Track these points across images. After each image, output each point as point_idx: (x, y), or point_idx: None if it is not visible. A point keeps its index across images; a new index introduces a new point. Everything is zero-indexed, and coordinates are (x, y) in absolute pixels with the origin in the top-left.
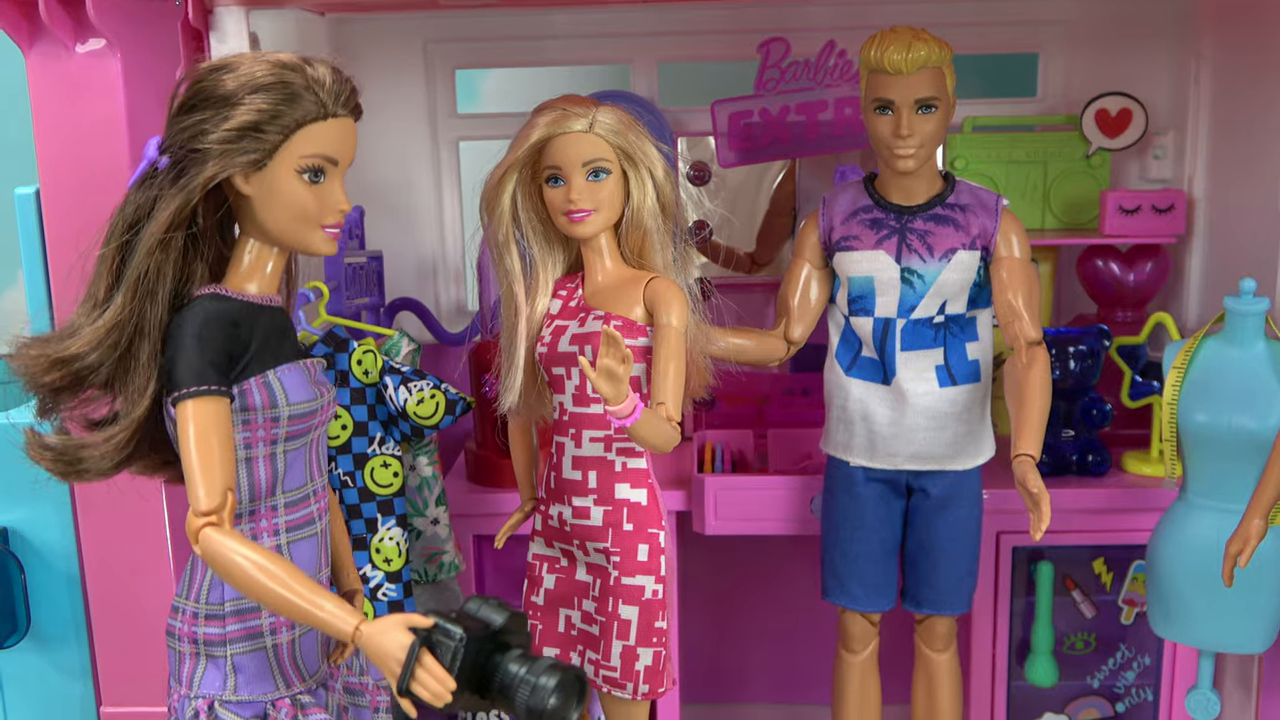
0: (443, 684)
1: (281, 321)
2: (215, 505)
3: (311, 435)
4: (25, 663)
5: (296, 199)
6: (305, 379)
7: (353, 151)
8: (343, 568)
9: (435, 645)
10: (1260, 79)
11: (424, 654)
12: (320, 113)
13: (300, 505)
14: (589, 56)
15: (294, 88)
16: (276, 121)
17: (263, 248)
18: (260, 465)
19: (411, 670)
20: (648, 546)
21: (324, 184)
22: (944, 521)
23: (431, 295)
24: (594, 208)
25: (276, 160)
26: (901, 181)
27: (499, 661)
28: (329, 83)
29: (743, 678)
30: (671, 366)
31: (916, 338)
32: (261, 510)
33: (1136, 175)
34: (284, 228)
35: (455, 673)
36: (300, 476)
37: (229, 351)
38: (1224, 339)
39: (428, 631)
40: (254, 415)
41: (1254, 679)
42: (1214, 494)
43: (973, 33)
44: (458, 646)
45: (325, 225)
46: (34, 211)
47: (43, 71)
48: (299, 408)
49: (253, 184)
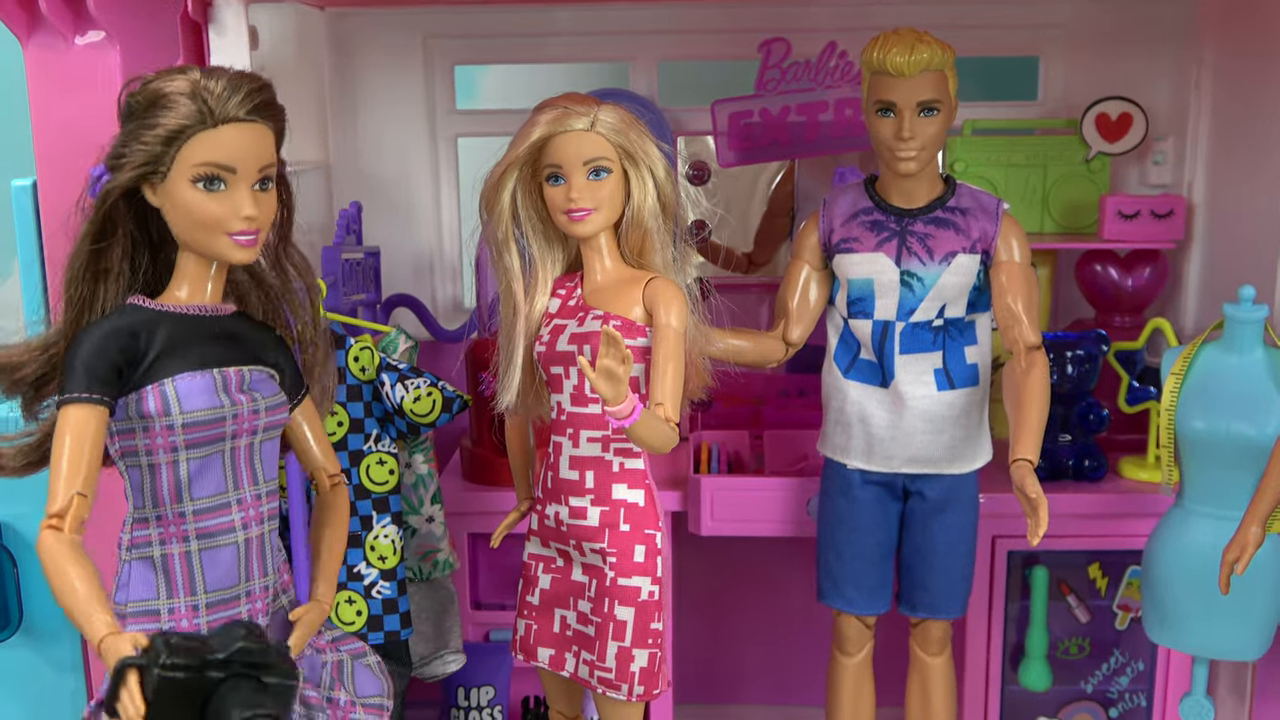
0: (135, 709)
1: (215, 328)
2: (59, 509)
3: (226, 444)
4: (17, 657)
5: (195, 208)
6: (210, 387)
7: (262, 157)
8: (315, 578)
9: (144, 668)
10: (1261, 85)
11: (130, 675)
12: (205, 121)
13: (214, 514)
14: (589, 54)
15: (180, 99)
16: (153, 132)
17: (190, 257)
18: (163, 471)
19: (116, 691)
20: (644, 547)
21: (225, 192)
22: (940, 525)
23: (429, 292)
24: (594, 206)
25: (173, 171)
26: (902, 184)
27: (220, 693)
28: (219, 90)
29: (738, 679)
30: (670, 367)
31: (915, 341)
32: (169, 516)
33: (1136, 180)
34: (190, 236)
35: (153, 699)
36: (215, 484)
37: (117, 364)
38: (1222, 346)
39: (142, 652)
40: (151, 422)
41: (1248, 686)
42: (1211, 501)
43: (973, 35)
44: (158, 672)
45: (230, 233)
46: (30, 203)
47: (41, 63)
48: (194, 416)
49: (159, 195)
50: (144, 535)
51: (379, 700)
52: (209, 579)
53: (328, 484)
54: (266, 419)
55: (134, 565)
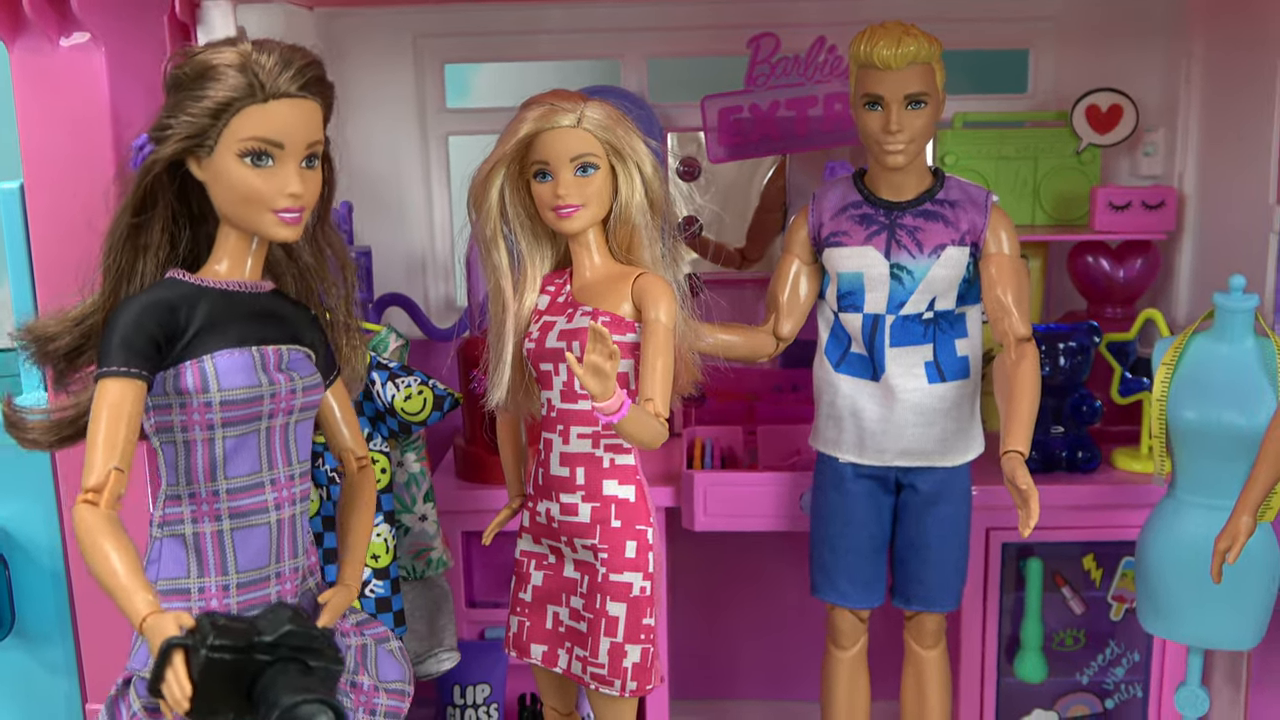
0: (181, 690)
1: (255, 305)
2: (95, 483)
3: (262, 423)
4: (10, 660)
5: (241, 183)
6: (250, 364)
7: (310, 133)
8: (343, 561)
9: (191, 649)
10: (1251, 76)
11: (175, 656)
12: (256, 95)
13: (247, 493)
14: (579, 51)
15: (229, 71)
16: (200, 104)
17: (231, 232)
18: (198, 449)
19: (162, 671)
20: (636, 543)
21: (271, 168)
22: (933, 518)
23: (420, 291)
24: (582, 203)
25: (220, 144)
26: (891, 177)
27: (267, 677)
28: (269, 64)
29: (732, 674)
30: (659, 362)
31: (906, 334)
32: (202, 494)
33: (1127, 171)
34: (234, 211)
35: (199, 680)
36: (249, 464)
37: (155, 338)
38: (1213, 335)
39: (189, 633)
40: (189, 399)
41: (1243, 675)
42: (1203, 490)
43: (964, 28)
44: (205, 654)
45: (276, 210)
46: (18, 207)
47: (26, 66)
48: (232, 394)
49: (204, 169)
50: (176, 513)
51: (401, 685)
52: (240, 559)
53: (355, 467)
54: (303, 399)
55: (165, 542)
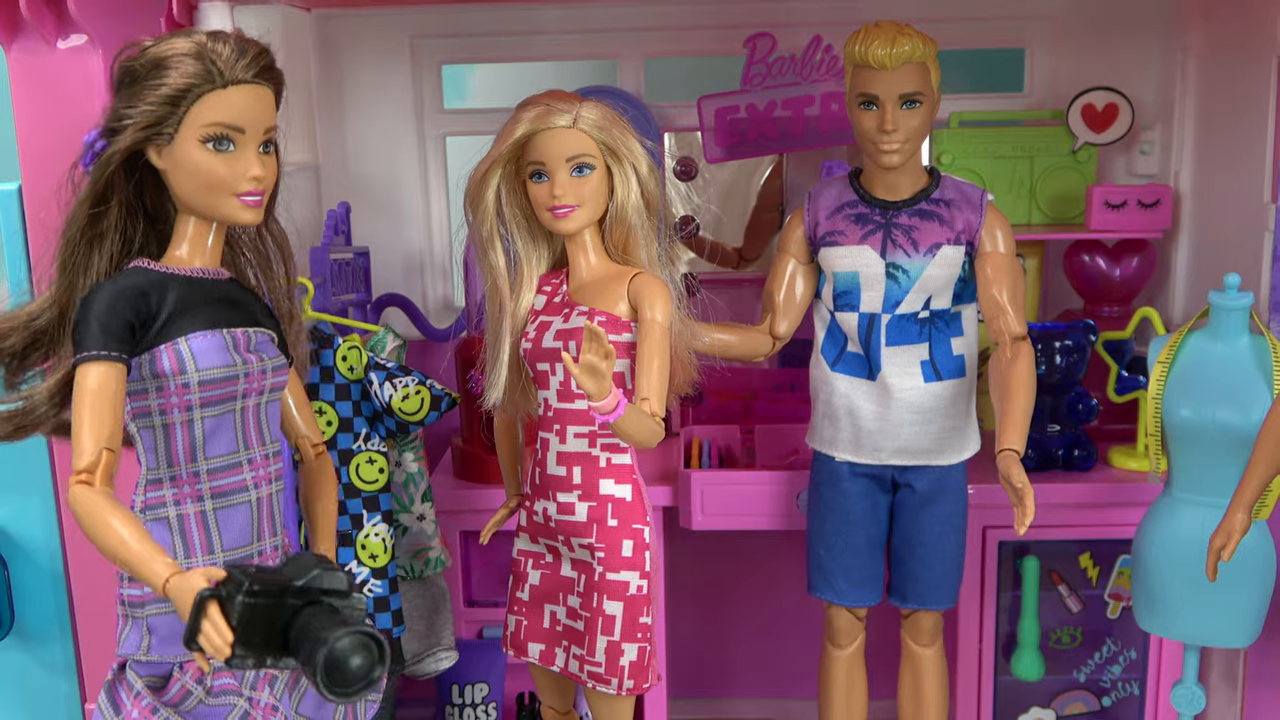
0: (221, 638)
1: (217, 291)
2: (88, 464)
3: (238, 403)
4: (9, 660)
5: (204, 168)
6: (222, 345)
7: (267, 118)
8: (315, 542)
9: (224, 599)
10: (1246, 74)
11: (210, 607)
12: (215, 82)
13: (226, 473)
14: (576, 52)
15: (186, 60)
16: (158, 92)
17: (191, 220)
18: (178, 431)
19: (198, 623)
20: (632, 542)
21: (233, 153)
22: (929, 516)
23: (418, 291)
24: (578, 203)
25: (181, 132)
26: (886, 177)
27: (301, 620)
28: (226, 53)
29: (729, 672)
30: (655, 362)
31: (901, 333)
32: (183, 476)
33: (1123, 170)
34: (196, 198)
35: (239, 627)
36: (227, 444)
37: (130, 322)
38: (1208, 334)
39: (220, 584)
40: (166, 381)
41: (1239, 673)
42: (1198, 488)
43: (959, 28)
44: (242, 600)
45: (239, 193)
46: (16, 208)
47: (23, 67)
48: (209, 374)
49: (164, 158)
50: (158, 496)
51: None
52: (225, 538)
53: (312, 453)
54: (273, 379)
55: (150, 527)
